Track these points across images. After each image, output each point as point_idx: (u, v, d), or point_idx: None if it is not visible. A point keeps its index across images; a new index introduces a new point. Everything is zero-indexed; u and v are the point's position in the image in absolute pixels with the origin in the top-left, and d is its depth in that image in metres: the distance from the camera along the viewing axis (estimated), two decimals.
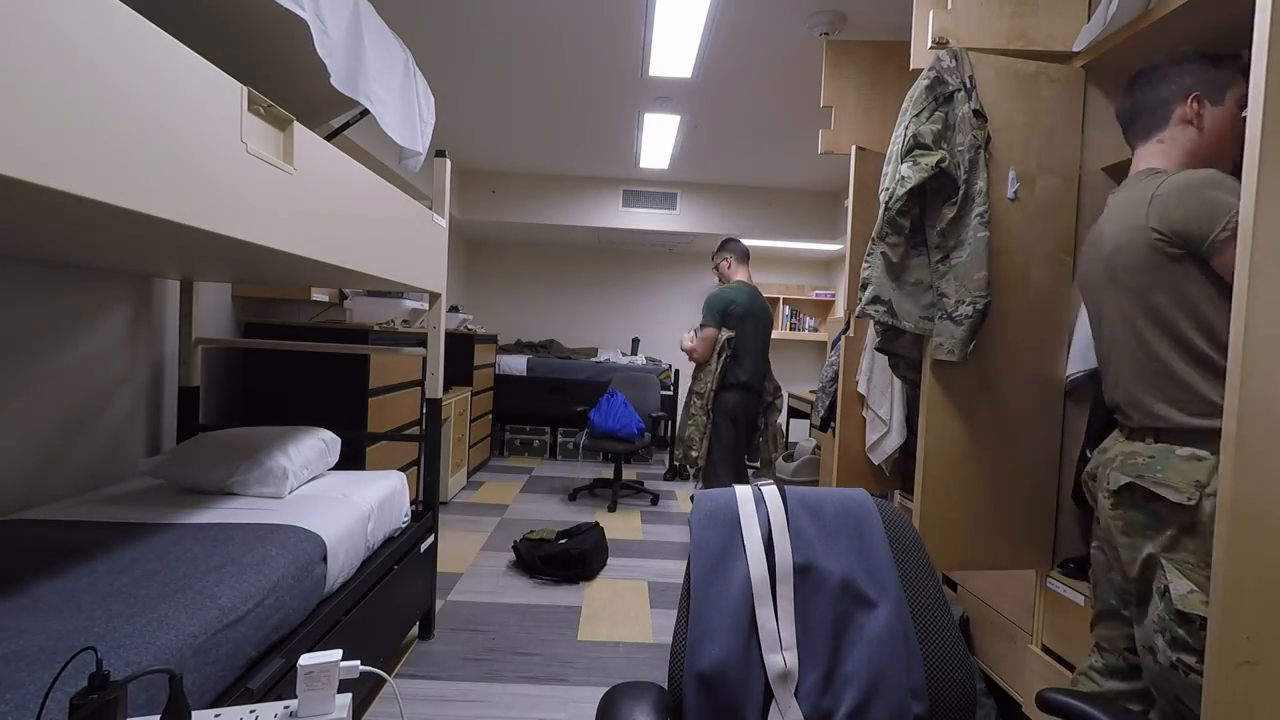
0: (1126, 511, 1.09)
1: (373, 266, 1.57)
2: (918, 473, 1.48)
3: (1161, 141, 1.14)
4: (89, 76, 0.73)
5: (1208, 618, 0.88)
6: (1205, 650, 0.88)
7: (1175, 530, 1.02)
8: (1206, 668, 0.87)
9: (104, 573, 1.18)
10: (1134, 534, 1.07)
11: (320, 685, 0.82)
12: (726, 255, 3.16)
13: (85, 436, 1.85)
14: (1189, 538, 1.00)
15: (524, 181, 4.94)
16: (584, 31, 2.61)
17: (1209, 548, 0.96)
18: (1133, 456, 1.09)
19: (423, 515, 2.20)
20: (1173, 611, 0.99)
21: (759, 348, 3.06)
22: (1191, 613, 0.96)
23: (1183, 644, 0.98)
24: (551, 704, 1.88)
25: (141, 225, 0.92)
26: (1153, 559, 1.04)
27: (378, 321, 3.00)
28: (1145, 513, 1.06)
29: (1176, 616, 0.98)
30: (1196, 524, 0.99)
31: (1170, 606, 0.99)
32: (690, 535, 0.93)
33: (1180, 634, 0.98)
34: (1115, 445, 1.16)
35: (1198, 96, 1.10)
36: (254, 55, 1.53)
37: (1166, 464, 1.04)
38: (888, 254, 1.46)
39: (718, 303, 2.99)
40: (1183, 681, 0.98)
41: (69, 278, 1.77)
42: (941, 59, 1.42)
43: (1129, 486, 1.08)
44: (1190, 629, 0.97)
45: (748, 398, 3.04)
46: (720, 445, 3.03)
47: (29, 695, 0.80)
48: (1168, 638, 1.00)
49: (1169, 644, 1.00)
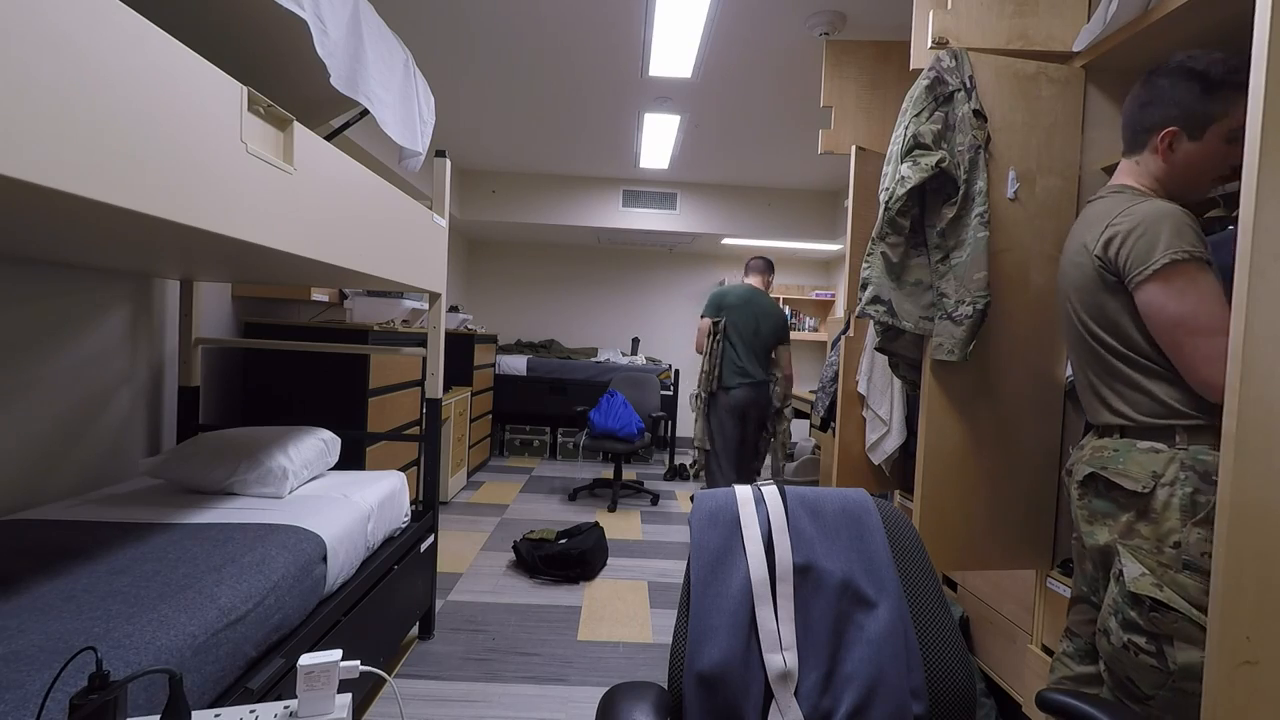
0: (1090, 500, 1.14)
1: (373, 266, 1.57)
2: (918, 473, 1.48)
3: (1137, 163, 1.17)
4: (89, 76, 0.73)
5: (1208, 615, 0.89)
6: (1205, 649, 0.88)
7: (1131, 517, 1.06)
8: (1207, 668, 0.87)
9: (104, 573, 1.18)
10: (1095, 522, 1.12)
11: (320, 685, 0.82)
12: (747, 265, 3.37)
13: (85, 436, 1.85)
14: (1143, 523, 1.04)
15: (524, 181, 4.94)
16: (584, 31, 2.61)
17: (1161, 534, 1.02)
18: (1100, 450, 1.14)
19: (423, 515, 2.20)
20: (1125, 594, 1.03)
21: (756, 344, 3.10)
22: (1142, 594, 1.00)
23: (1133, 625, 1.02)
24: (551, 704, 1.88)
25: (141, 225, 0.92)
26: (1110, 545, 1.09)
27: (378, 321, 3.00)
28: (1106, 501, 1.11)
29: (1129, 598, 1.02)
30: (1150, 510, 1.04)
31: (1123, 589, 1.03)
32: (690, 535, 0.93)
33: (1131, 615, 1.02)
34: (1089, 442, 1.20)
35: (1172, 132, 1.10)
36: (254, 55, 1.53)
37: (1128, 456, 1.08)
38: (888, 254, 1.46)
39: (712, 297, 3.21)
40: (1133, 661, 1.02)
41: (69, 278, 1.77)
42: (941, 59, 1.42)
43: (1092, 476, 1.13)
44: (1141, 610, 1.01)
45: (748, 394, 3.06)
46: (722, 441, 3.08)
47: (29, 695, 0.80)
48: (1120, 619, 1.04)
49: (1121, 625, 1.04)
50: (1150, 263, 1.02)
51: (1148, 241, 1.03)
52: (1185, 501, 1.00)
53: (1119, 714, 0.79)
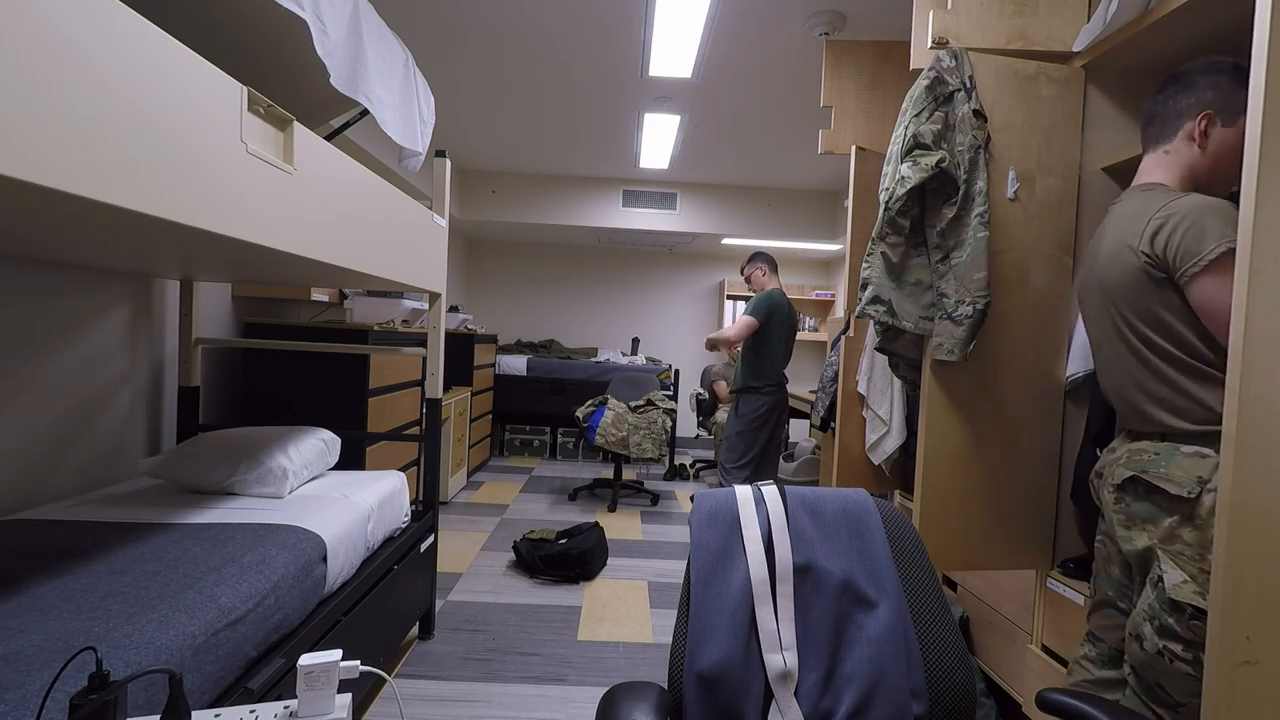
0: (1128, 504, 1.11)
1: (373, 266, 1.57)
2: (918, 473, 1.48)
3: (1168, 153, 1.15)
4: (89, 76, 0.72)
5: (1208, 615, 0.88)
6: (1205, 649, 0.88)
7: (1174, 522, 1.04)
8: (1207, 668, 0.87)
9: (104, 573, 1.18)
10: (1134, 526, 1.09)
11: (320, 685, 0.82)
12: (760, 265, 3.24)
13: (85, 436, 1.85)
14: (1186, 529, 1.02)
15: (524, 181, 4.94)
16: (584, 31, 2.61)
17: (1205, 540, 0.99)
18: (1139, 453, 1.11)
19: (423, 515, 2.20)
20: (1165, 600, 1.01)
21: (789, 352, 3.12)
22: (1183, 602, 0.98)
23: (1171, 632, 1.00)
24: (551, 704, 1.88)
25: (141, 225, 0.92)
26: (1150, 550, 1.06)
27: (378, 321, 3.00)
28: (1146, 505, 1.08)
29: (1169, 605, 1.00)
30: (1195, 516, 1.01)
31: (1163, 595, 1.01)
32: (690, 535, 0.93)
33: (1169, 622, 1.00)
34: (1123, 445, 1.18)
35: (1208, 115, 1.10)
36: (254, 55, 1.53)
37: (1171, 460, 1.06)
38: (888, 254, 1.46)
39: (768, 302, 3.02)
40: (1167, 669, 1.01)
41: (69, 278, 1.77)
42: (941, 59, 1.42)
43: (1132, 480, 1.10)
44: (1180, 618, 0.99)
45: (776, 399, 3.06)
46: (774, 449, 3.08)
47: (29, 695, 0.80)
48: (1156, 625, 1.02)
49: (1157, 631, 1.02)
50: (1202, 255, 0.99)
51: (1196, 234, 1.01)
52: None
53: (1119, 714, 0.79)
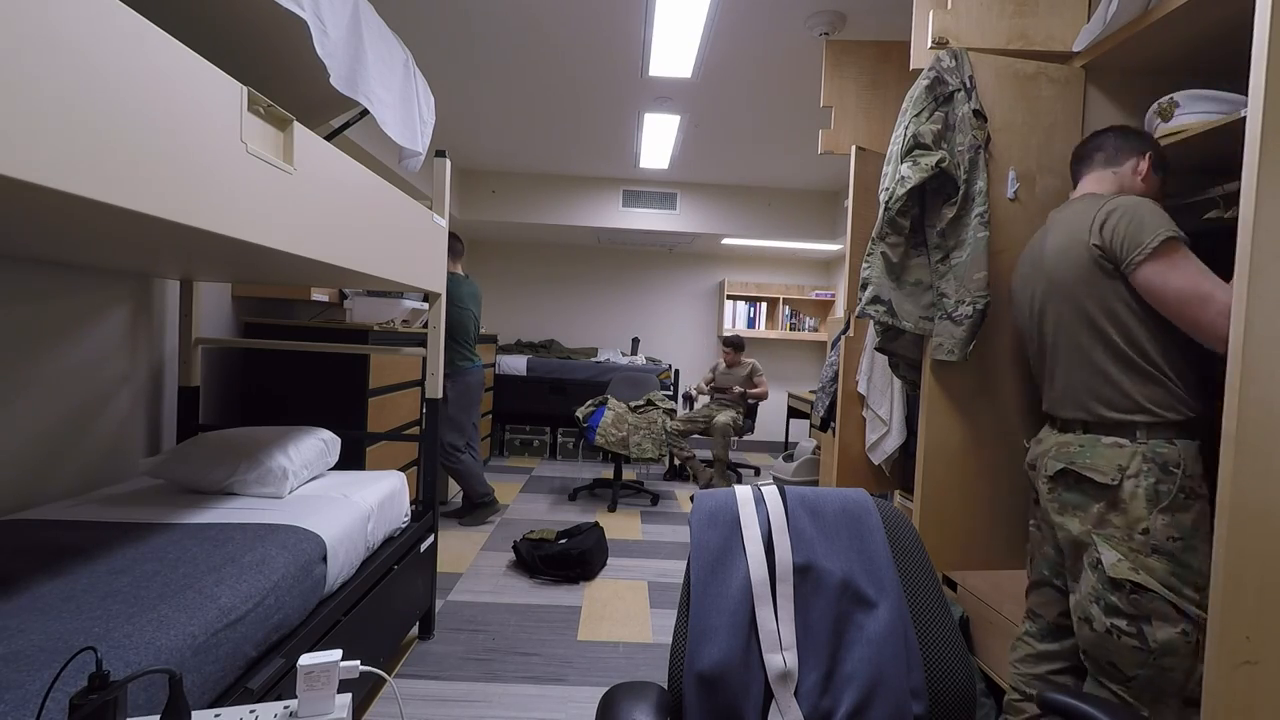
0: (1060, 494, 1.20)
1: (372, 266, 1.57)
2: (918, 473, 1.48)
3: (1115, 174, 1.27)
4: (89, 77, 0.72)
5: (1208, 615, 0.89)
6: (1205, 649, 0.88)
7: (1101, 508, 1.13)
8: (1207, 668, 0.87)
9: (104, 573, 1.18)
10: (1066, 513, 1.18)
11: (320, 685, 0.82)
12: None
13: (85, 436, 1.85)
14: (1113, 513, 1.11)
15: (524, 181, 4.94)
16: (584, 31, 2.61)
17: (1130, 521, 1.09)
18: (1065, 446, 1.21)
19: (423, 515, 2.20)
20: (1105, 580, 1.09)
21: None
22: (1121, 578, 1.08)
23: (1115, 609, 1.08)
24: (551, 704, 1.88)
25: (141, 225, 0.92)
26: (1084, 535, 1.15)
27: (378, 321, 3.00)
28: (1076, 494, 1.17)
29: (1109, 584, 1.09)
30: (1119, 501, 1.11)
31: (1103, 575, 1.10)
32: (690, 535, 0.93)
33: (1113, 600, 1.09)
34: (1050, 437, 1.27)
35: (1151, 156, 1.26)
36: (254, 55, 1.53)
37: (1094, 451, 1.16)
38: (888, 254, 1.46)
39: None
40: (1116, 645, 1.08)
41: (69, 278, 1.77)
42: (941, 59, 1.42)
43: (1063, 472, 1.19)
44: (1122, 594, 1.08)
45: None
46: None
47: (29, 695, 0.80)
48: (1102, 605, 1.10)
49: (1104, 610, 1.10)
50: (1145, 244, 1.09)
51: (1137, 226, 1.11)
52: (1150, 491, 1.08)
53: (1119, 714, 0.79)
